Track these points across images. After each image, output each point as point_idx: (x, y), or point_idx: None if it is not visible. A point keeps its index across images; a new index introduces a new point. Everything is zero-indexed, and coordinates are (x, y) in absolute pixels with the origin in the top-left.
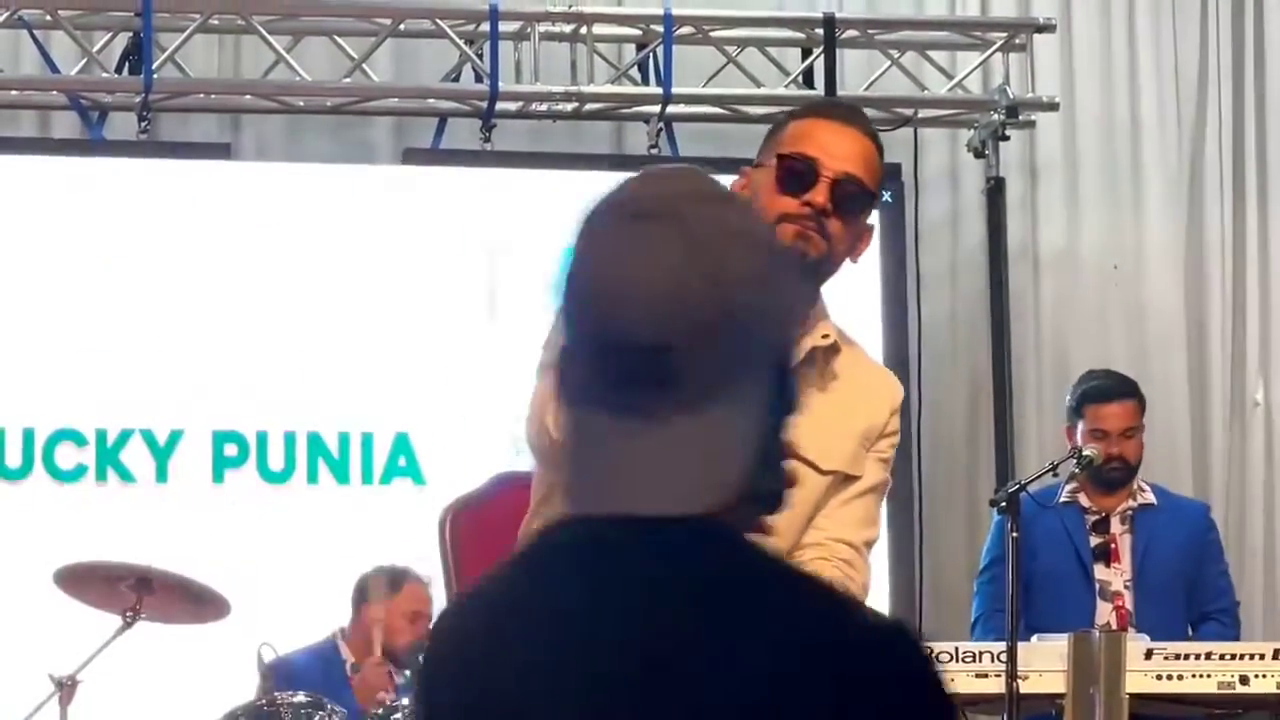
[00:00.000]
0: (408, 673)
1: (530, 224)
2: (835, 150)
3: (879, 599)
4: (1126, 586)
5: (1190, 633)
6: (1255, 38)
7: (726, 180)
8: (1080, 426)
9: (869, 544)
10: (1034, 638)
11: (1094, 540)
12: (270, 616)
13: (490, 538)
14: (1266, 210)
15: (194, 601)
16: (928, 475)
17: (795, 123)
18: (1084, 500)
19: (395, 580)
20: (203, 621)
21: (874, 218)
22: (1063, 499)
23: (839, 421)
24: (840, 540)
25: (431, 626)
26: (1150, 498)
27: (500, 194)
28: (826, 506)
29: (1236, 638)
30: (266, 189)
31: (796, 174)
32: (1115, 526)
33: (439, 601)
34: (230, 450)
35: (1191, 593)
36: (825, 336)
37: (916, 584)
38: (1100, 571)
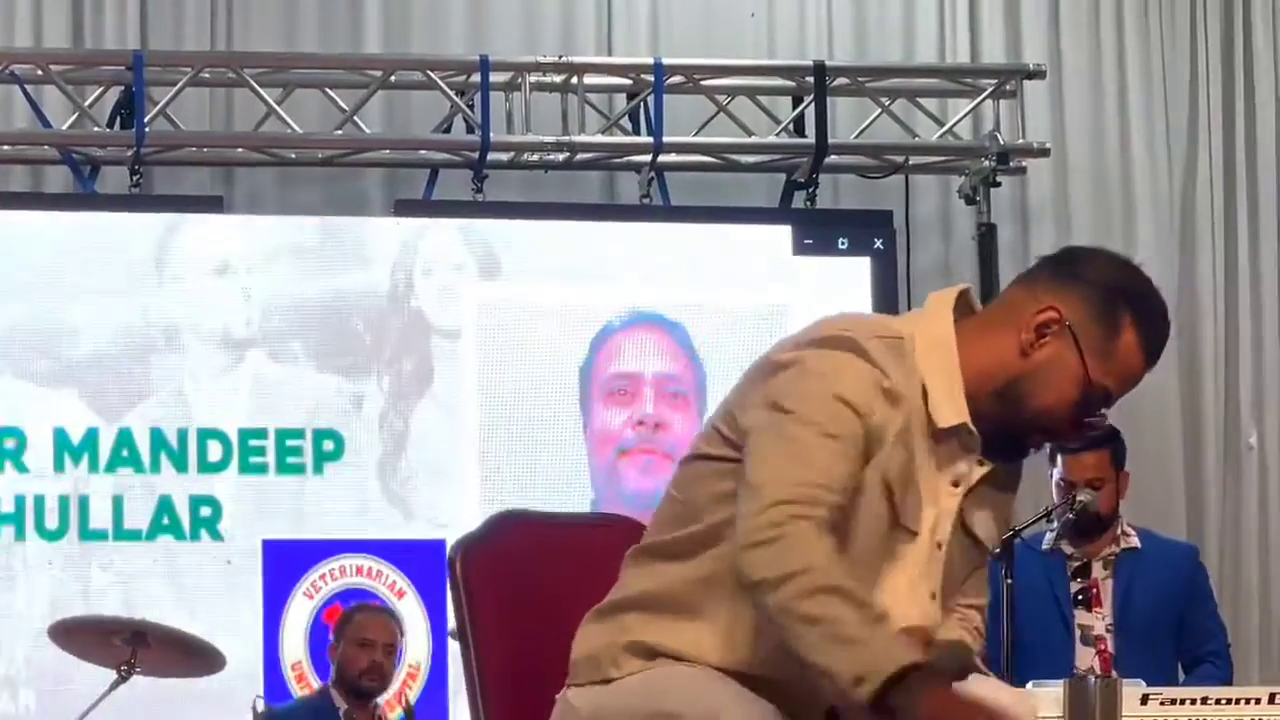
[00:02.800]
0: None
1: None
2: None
3: None
4: (1108, 630)
5: (1182, 675)
6: (1245, 81)
7: (716, 230)
8: (1054, 474)
9: (987, 606)
10: (1029, 684)
11: (1075, 586)
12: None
13: (500, 574)
14: (1258, 254)
15: (189, 655)
16: None
17: (1138, 344)
18: (1067, 547)
19: (349, 614)
20: (197, 675)
21: (865, 265)
22: (1048, 546)
23: (1002, 500)
24: (971, 606)
25: None
26: (1134, 541)
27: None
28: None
29: (1230, 679)
30: (259, 240)
31: (1100, 401)
32: (1097, 571)
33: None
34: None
35: (1181, 635)
36: None
37: None
38: (1082, 616)
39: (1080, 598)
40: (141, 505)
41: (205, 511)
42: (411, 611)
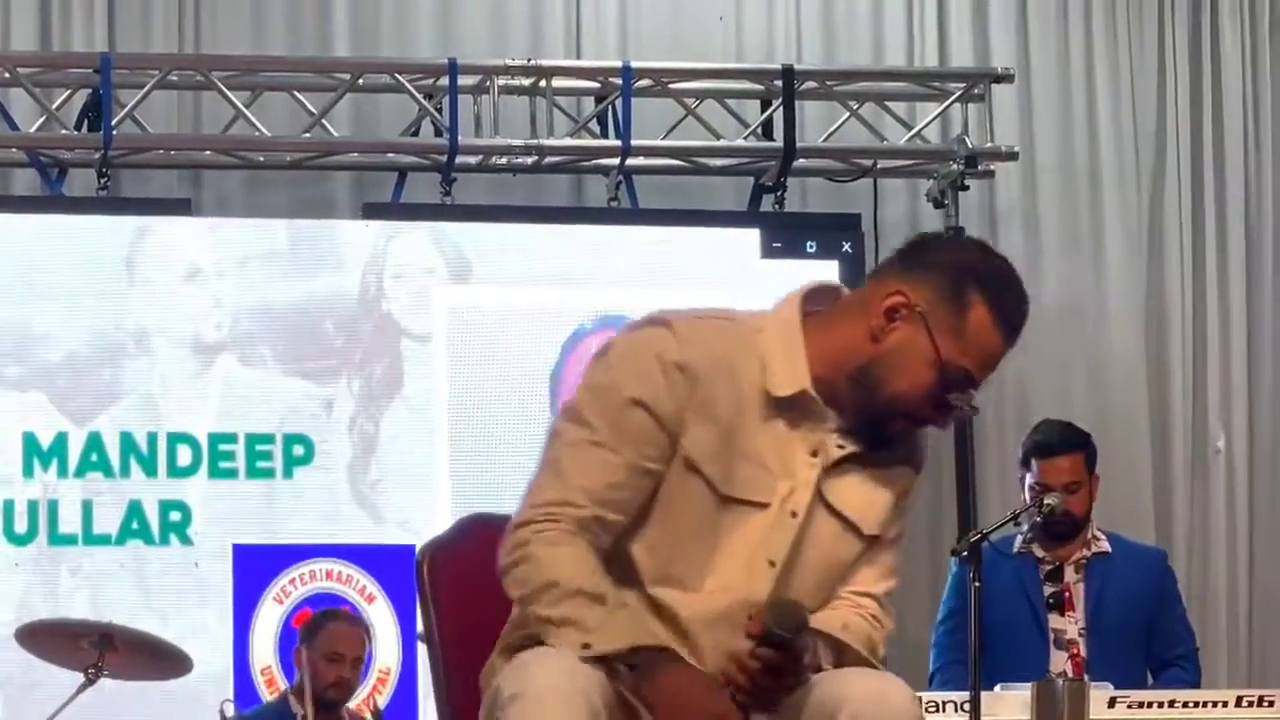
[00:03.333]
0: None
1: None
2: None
3: None
4: (1081, 634)
5: (1151, 679)
6: (1213, 85)
7: (684, 233)
8: (1028, 479)
9: (889, 594)
10: (997, 687)
11: (1048, 590)
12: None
13: (468, 577)
14: (1226, 257)
15: (156, 658)
16: None
17: (990, 320)
18: (1038, 550)
19: (318, 623)
20: (165, 678)
21: (834, 268)
22: (1018, 549)
23: (884, 486)
24: (865, 594)
25: None
26: (1105, 546)
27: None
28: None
29: (1197, 682)
30: (227, 243)
31: (960, 381)
32: (1069, 575)
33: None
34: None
35: (1150, 639)
36: None
37: None
38: (1055, 620)
39: (1053, 602)
40: (111, 510)
41: (175, 516)
42: (381, 616)
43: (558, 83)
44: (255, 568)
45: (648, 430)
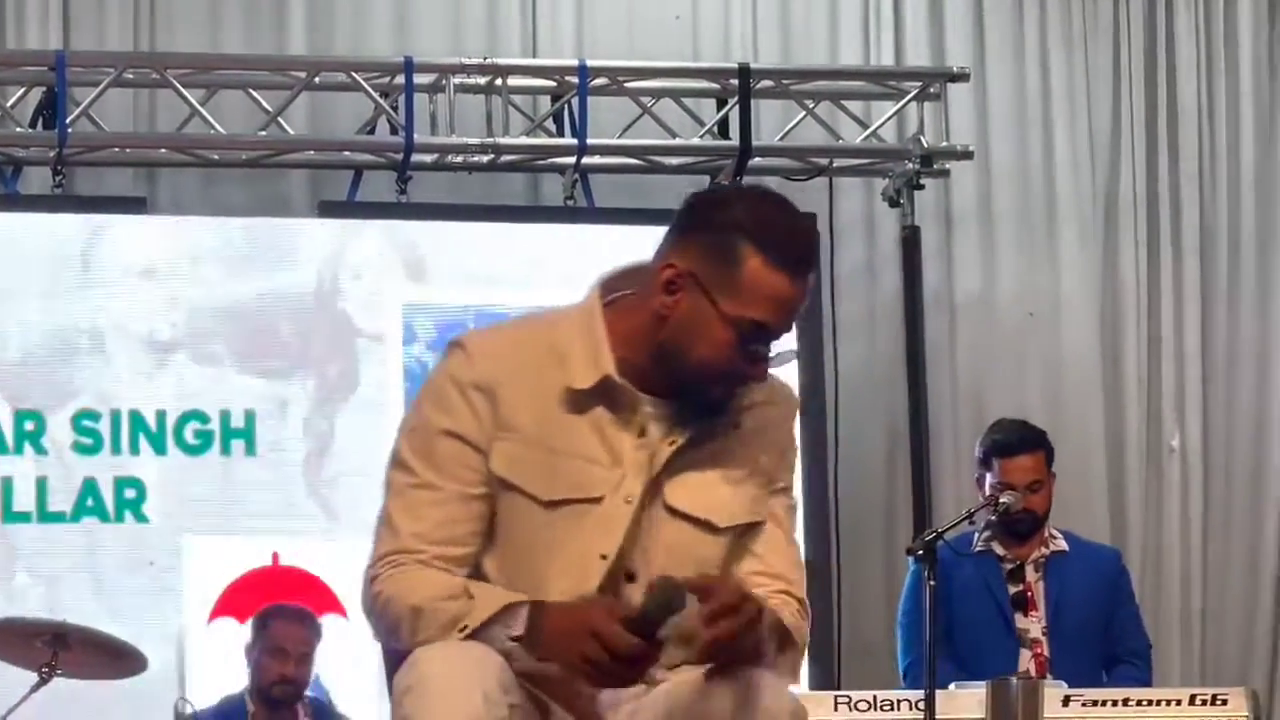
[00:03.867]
0: None
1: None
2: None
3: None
4: (1044, 634)
5: (1105, 677)
6: (1168, 86)
7: (641, 232)
8: (988, 478)
9: (799, 564)
10: (952, 685)
11: (1011, 589)
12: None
13: None
14: (1181, 257)
15: (110, 657)
16: (845, 521)
17: (765, 265)
18: (998, 549)
19: (263, 620)
20: (119, 677)
21: None
22: (978, 548)
23: (738, 469)
24: (779, 576)
25: None
26: (1062, 544)
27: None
28: (763, 539)
29: (1149, 680)
30: (182, 241)
31: (758, 333)
32: (1030, 575)
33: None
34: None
35: (1105, 637)
36: None
37: (835, 631)
38: (1019, 620)
39: (1017, 601)
40: (64, 489)
41: (130, 493)
42: (335, 613)
43: (513, 81)
44: (209, 564)
45: (463, 457)
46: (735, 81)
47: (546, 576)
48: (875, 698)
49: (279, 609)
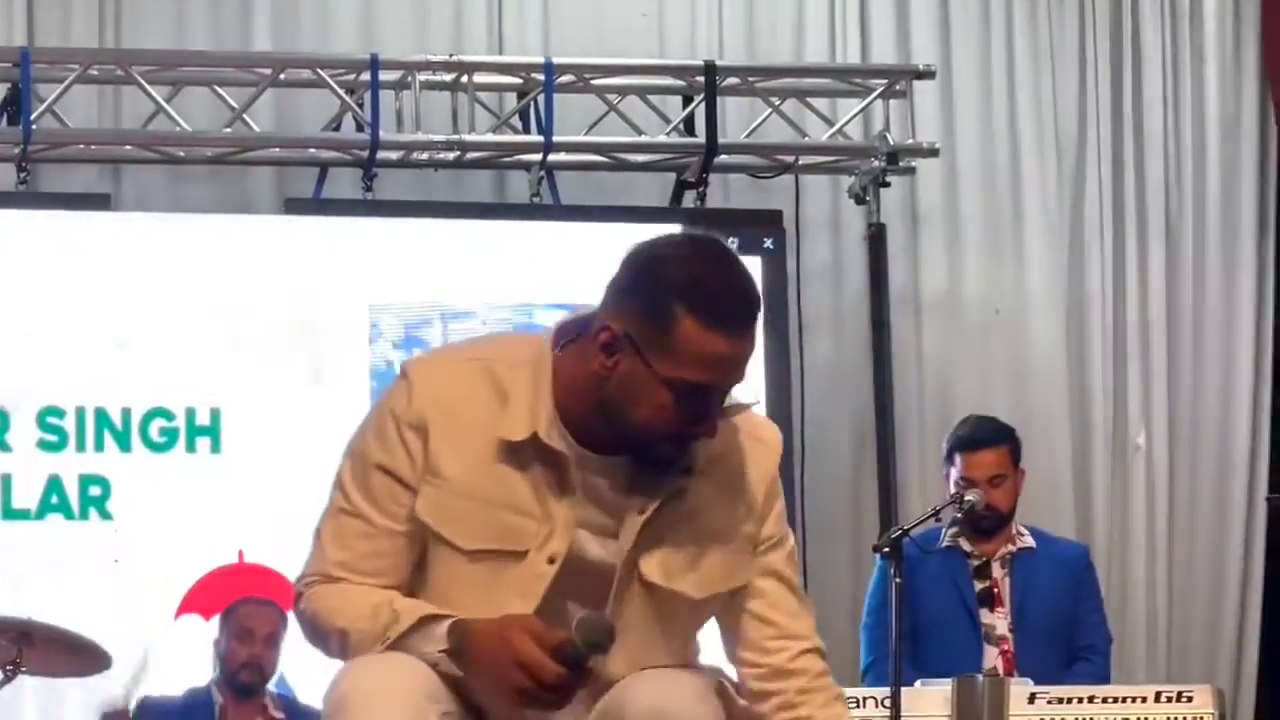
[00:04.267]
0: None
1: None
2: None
3: None
4: (1010, 630)
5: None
6: (1133, 83)
7: (607, 229)
8: (952, 473)
9: (811, 614)
10: (918, 683)
11: (978, 585)
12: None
13: None
14: (1146, 255)
15: (75, 654)
16: (811, 519)
17: (699, 326)
18: (965, 545)
19: (232, 608)
20: (84, 674)
21: (756, 264)
22: (944, 544)
23: (713, 534)
24: (798, 637)
25: None
26: (1029, 541)
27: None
28: (769, 599)
29: (1105, 676)
30: (147, 239)
31: (696, 393)
32: (996, 571)
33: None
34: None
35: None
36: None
37: None
38: (985, 616)
39: (983, 597)
40: (28, 487)
41: (95, 491)
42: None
43: (479, 78)
44: (175, 562)
45: (394, 494)
46: (701, 79)
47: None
48: (842, 693)
49: (245, 599)
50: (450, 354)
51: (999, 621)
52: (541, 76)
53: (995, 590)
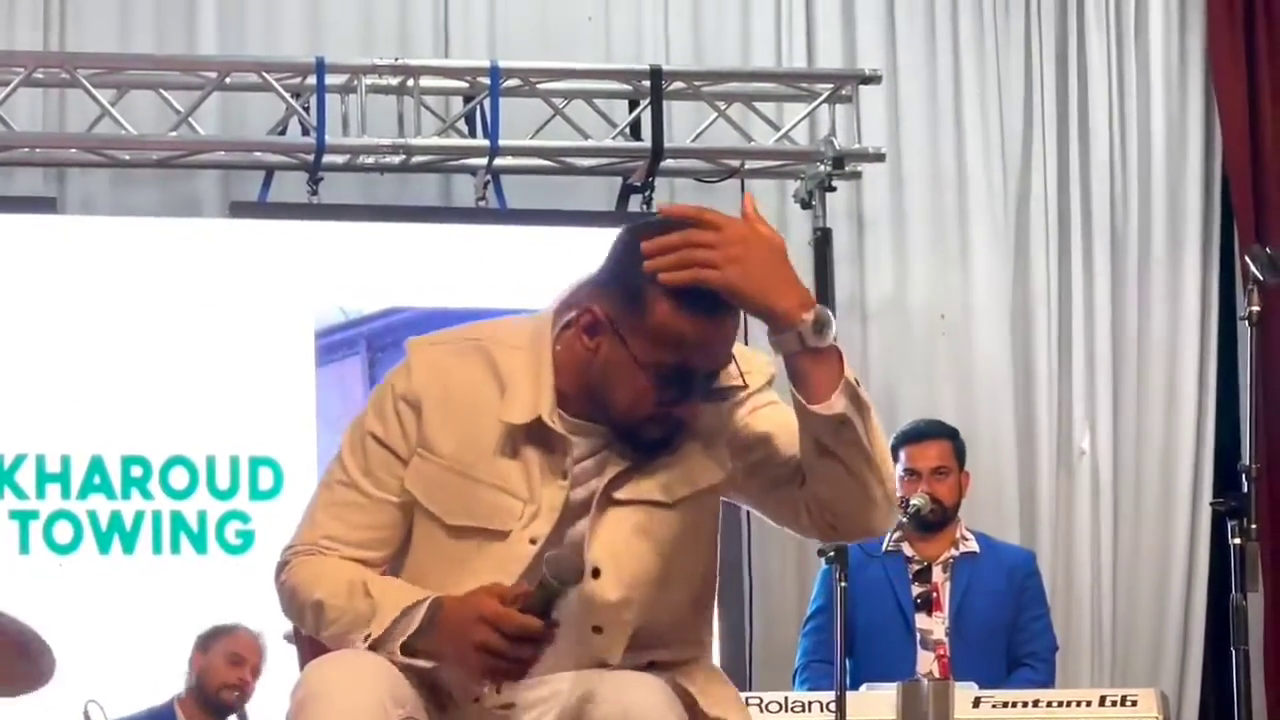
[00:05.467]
0: None
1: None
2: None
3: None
4: (947, 635)
5: (1006, 678)
6: (1079, 89)
7: (553, 233)
8: (897, 469)
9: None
10: (863, 687)
11: (916, 589)
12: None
13: None
14: (1092, 260)
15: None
16: (757, 523)
17: (675, 310)
18: (908, 549)
19: (219, 630)
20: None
21: None
22: (887, 548)
23: (685, 453)
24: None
25: None
26: (973, 546)
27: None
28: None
29: (1049, 682)
30: (92, 242)
31: (679, 376)
32: (937, 575)
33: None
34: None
35: (1011, 639)
36: None
37: (746, 633)
38: (922, 620)
39: (921, 601)
40: None
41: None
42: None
43: (425, 82)
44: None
45: (387, 464)
46: (647, 83)
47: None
48: (787, 699)
49: (235, 625)
50: (451, 334)
51: (936, 626)
52: (487, 80)
53: (935, 594)
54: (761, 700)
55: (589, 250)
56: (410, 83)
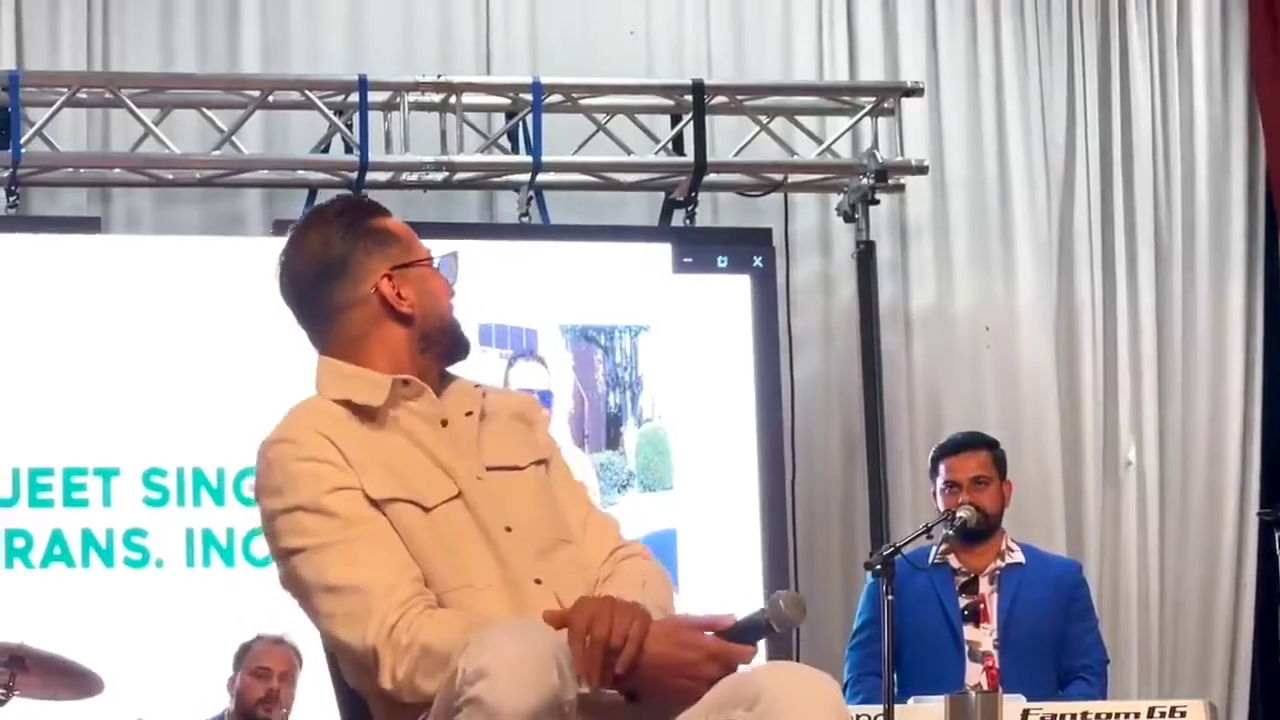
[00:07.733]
0: None
1: None
2: None
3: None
4: (996, 646)
5: (1060, 692)
6: (1122, 100)
7: (595, 248)
8: (938, 483)
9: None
10: (910, 700)
11: (963, 601)
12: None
13: None
14: (1136, 269)
15: (67, 678)
16: (803, 536)
17: (382, 221)
18: (954, 561)
19: (243, 648)
20: (77, 698)
21: (745, 283)
22: (934, 560)
23: (511, 431)
24: (621, 547)
25: None
26: (1019, 557)
27: None
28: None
29: (1102, 695)
30: (137, 262)
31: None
32: (984, 586)
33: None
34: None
35: (1060, 651)
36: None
37: (793, 645)
38: (970, 632)
39: (968, 613)
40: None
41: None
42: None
43: (468, 99)
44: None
45: (355, 500)
46: (690, 98)
47: (464, 569)
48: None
49: (258, 636)
50: (277, 424)
51: (984, 637)
52: (530, 97)
53: (982, 606)
54: None
55: (632, 265)
56: (453, 99)
